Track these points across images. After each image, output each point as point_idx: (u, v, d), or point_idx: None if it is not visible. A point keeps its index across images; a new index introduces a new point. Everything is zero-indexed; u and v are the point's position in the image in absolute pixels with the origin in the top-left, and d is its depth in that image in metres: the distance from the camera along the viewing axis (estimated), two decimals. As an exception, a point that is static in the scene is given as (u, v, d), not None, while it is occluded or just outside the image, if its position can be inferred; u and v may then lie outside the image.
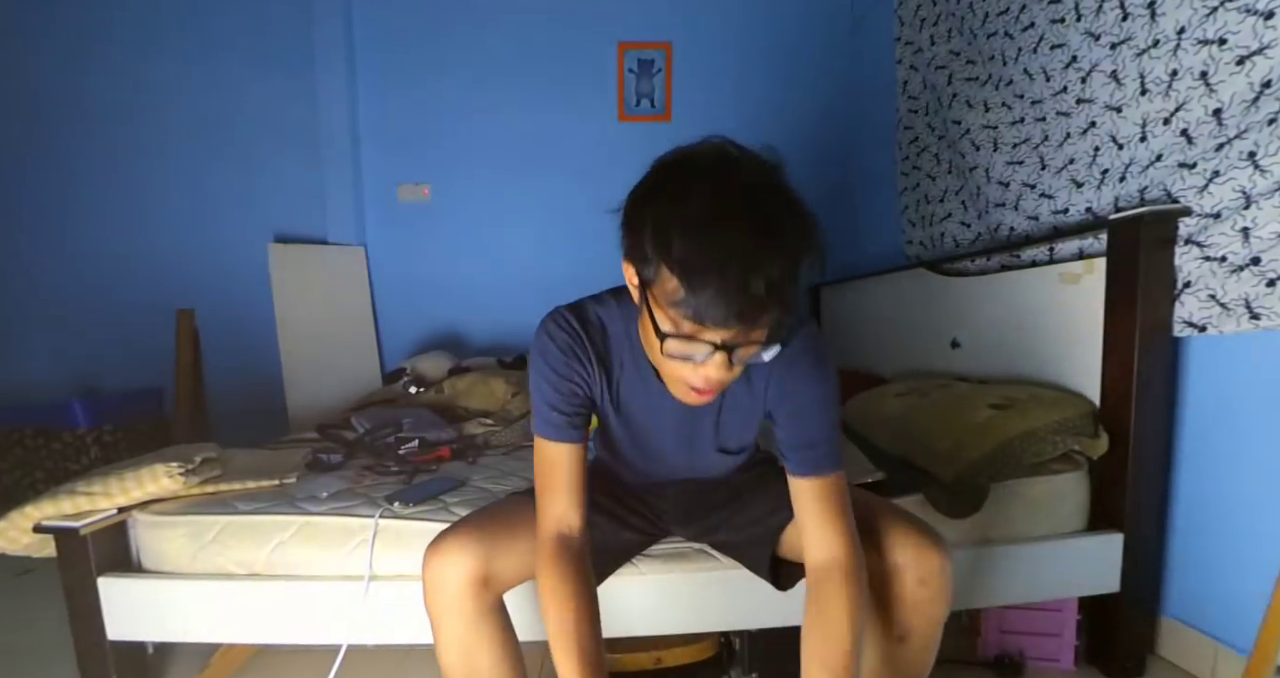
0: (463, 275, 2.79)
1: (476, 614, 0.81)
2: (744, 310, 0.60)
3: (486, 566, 0.81)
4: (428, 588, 0.82)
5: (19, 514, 1.12)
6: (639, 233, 0.64)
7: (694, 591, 1.12)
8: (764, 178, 0.65)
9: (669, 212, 0.62)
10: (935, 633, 0.85)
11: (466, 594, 0.80)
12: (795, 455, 0.81)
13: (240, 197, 2.64)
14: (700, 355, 0.65)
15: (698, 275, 0.59)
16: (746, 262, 0.59)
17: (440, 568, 0.81)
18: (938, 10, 1.98)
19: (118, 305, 2.59)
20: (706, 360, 0.66)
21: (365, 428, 1.71)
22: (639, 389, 0.84)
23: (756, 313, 0.61)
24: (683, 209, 0.61)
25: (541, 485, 0.81)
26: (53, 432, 2.18)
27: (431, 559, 0.82)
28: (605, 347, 0.83)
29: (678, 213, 0.61)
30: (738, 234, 0.60)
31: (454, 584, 0.80)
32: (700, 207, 0.60)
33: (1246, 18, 1.06)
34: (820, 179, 2.82)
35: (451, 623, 0.81)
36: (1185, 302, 1.19)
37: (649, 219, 0.63)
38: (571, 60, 2.71)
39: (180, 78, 2.56)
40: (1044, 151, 1.57)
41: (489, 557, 0.82)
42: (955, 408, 1.35)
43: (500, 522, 0.87)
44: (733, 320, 0.61)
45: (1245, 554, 1.16)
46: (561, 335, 0.80)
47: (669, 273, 0.61)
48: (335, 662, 1.07)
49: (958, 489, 1.19)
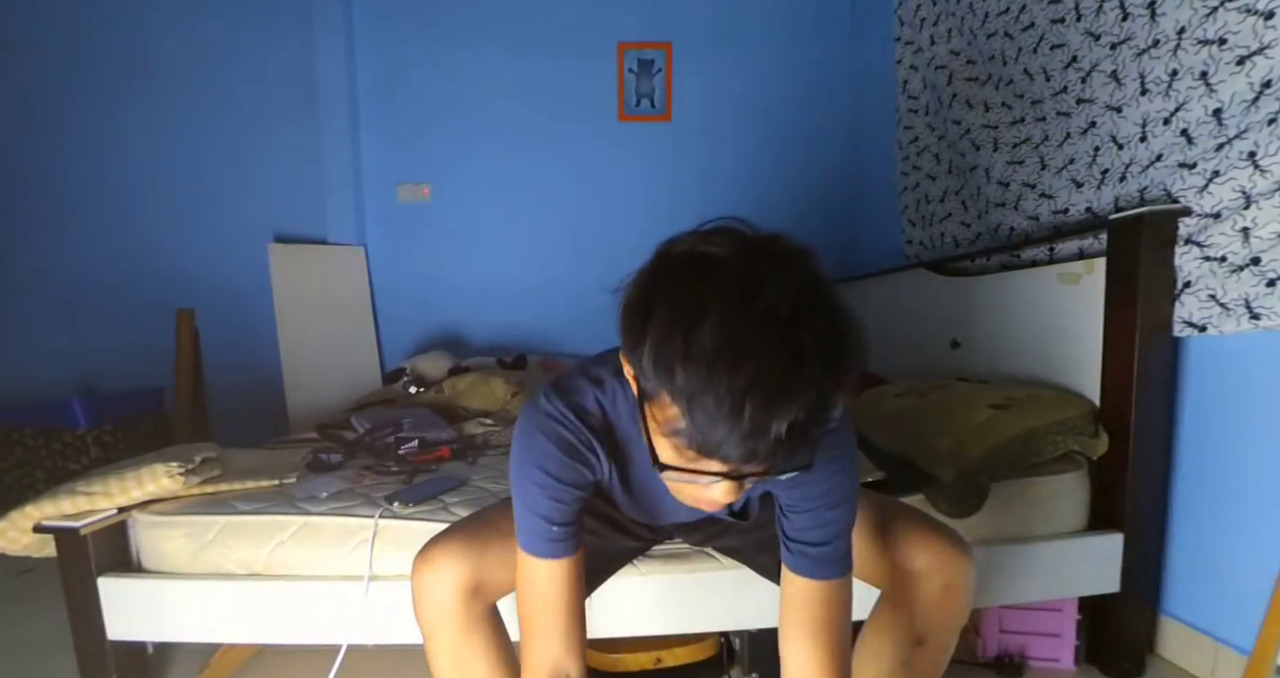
0: (463, 275, 2.79)
1: (468, 623, 0.79)
2: (759, 453, 0.49)
3: (478, 574, 0.78)
4: (417, 597, 0.79)
5: (19, 514, 1.12)
6: (638, 343, 0.52)
7: (694, 591, 1.12)
8: (790, 294, 0.51)
9: (672, 333, 0.50)
10: (954, 637, 0.84)
11: (457, 603, 0.78)
12: (793, 550, 0.71)
13: (240, 197, 2.64)
14: (704, 481, 0.55)
15: (705, 415, 0.48)
16: (765, 404, 0.48)
17: (430, 577, 0.78)
18: (938, 10, 1.98)
19: (118, 305, 2.59)
20: (712, 485, 0.56)
21: (365, 428, 1.70)
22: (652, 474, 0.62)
23: (774, 454, 0.50)
24: (690, 336, 0.49)
25: (529, 617, 0.71)
26: (53, 432, 2.17)
27: (420, 568, 0.79)
28: (614, 442, 0.72)
29: (683, 338, 0.49)
30: (754, 374, 0.48)
31: (444, 593, 0.78)
32: (712, 338, 0.48)
33: (1246, 18, 1.06)
34: (820, 179, 2.82)
35: (443, 633, 0.79)
36: (1185, 302, 1.19)
37: (650, 334, 0.51)
38: (571, 60, 2.71)
39: (180, 78, 2.56)
40: (1044, 151, 1.57)
41: (480, 565, 0.79)
42: (955, 408, 1.35)
43: (491, 527, 0.84)
44: (746, 464, 0.51)
45: (1245, 554, 1.16)
46: (563, 436, 0.68)
47: (669, 400, 0.50)
48: (335, 662, 1.07)
49: (958, 489, 1.19)
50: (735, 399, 0.47)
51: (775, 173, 2.73)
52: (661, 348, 0.50)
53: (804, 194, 2.81)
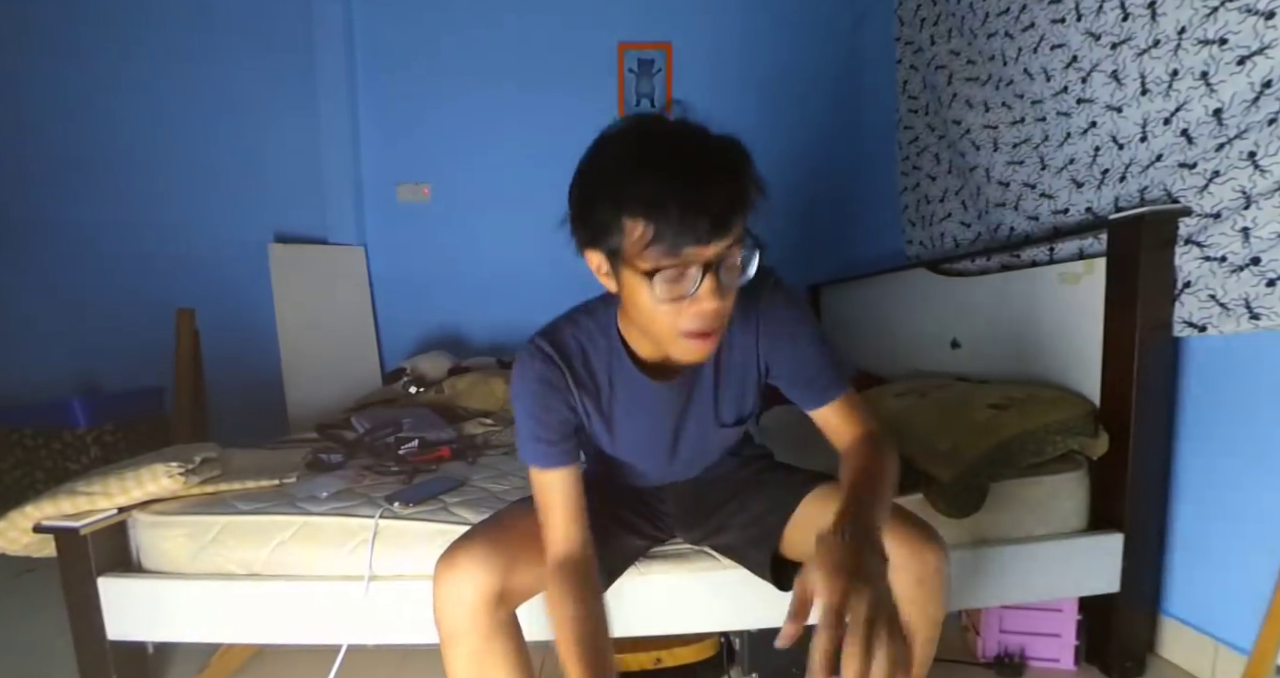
0: (463, 275, 2.79)
1: (491, 630, 0.78)
2: (713, 221, 0.62)
3: (503, 580, 0.78)
4: (441, 604, 0.78)
5: (19, 514, 1.12)
6: (590, 208, 0.67)
7: (694, 591, 1.12)
8: (679, 122, 0.67)
9: (609, 174, 0.66)
10: (934, 632, 0.84)
11: (481, 611, 0.77)
12: (804, 392, 0.85)
13: (240, 196, 2.64)
14: (690, 286, 0.65)
15: (658, 208, 0.61)
16: (697, 180, 0.62)
17: (454, 582, 0.78)
18: (938, 10, 1.98)
19: (118, 305, 2.59)
20: (699, 291, 0.66)
21: (365, 428, 1.70)
22: (632, 395, 0.85)
23: (725, 221, 0.63)
24: (621, 165, 0.65)
25: (543, 513, 0.81)
26: (53, 432, 2.17)
27: (444, 573, 0.78)
28: (588, 369, 0.83)
29: (617, 170, 0.65)
30: (678, 162, 0.62)
31: (470, 601, 0.77)
32: (634, 156, 0.64)
33: (1247, 18, 1.06)
34: (820, 179, 2.82)
35: (465, 640, 0.78)
36: (1185, 302, 1.19)
37: (595, 191, 0.67)
38: (571, 60, 2.71)
39: (180, 78, 2.56)
40: (1044, 151, 1.57)
41: (505, 571, 0.79)
42: (955, 408, 1.35)
43: (516, 534, 0.84)
44: (705, 233, 0.62)
45: (1245, 554, 1.16)
46: (540, 368, 0.80)
47: (632, 222, 0.63)
48: (335, 662, 1.07)
49: (957, 489, 1.19)
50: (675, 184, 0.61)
51: (775, 173, 2.71)
52: (606, 189, 0.65)
53: (804, 194, 2.81)
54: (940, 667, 1.31)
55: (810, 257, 2.81)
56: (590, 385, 0.83)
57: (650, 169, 0.63)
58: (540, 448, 0.81)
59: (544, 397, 0.81)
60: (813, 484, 0.93)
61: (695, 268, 0.64)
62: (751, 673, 1.24)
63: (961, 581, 1.21)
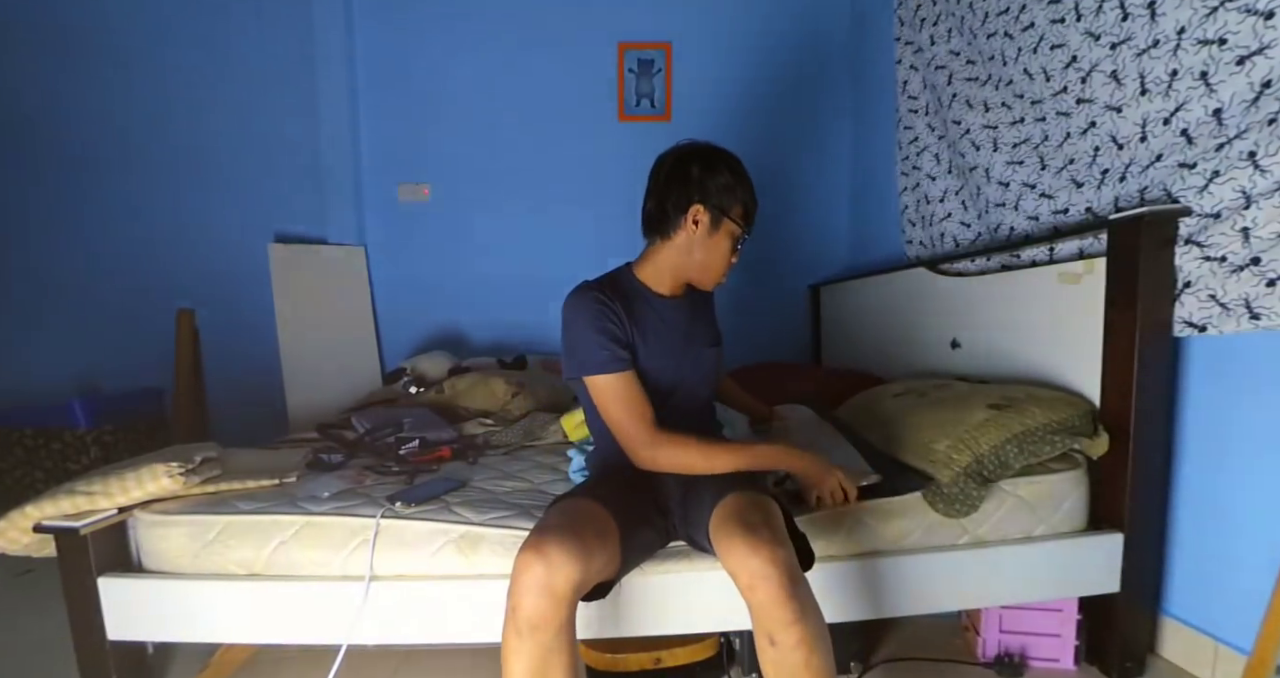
0: (463, 275, 2.79)
1: (566, 623, 0.83)
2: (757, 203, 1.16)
3: (586, 571, 0.83)
4: (528, 591, 0.80)
5: (19, 514, 1.12)
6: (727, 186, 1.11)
7: (694, 591, 1.12)
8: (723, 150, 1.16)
9: (734, 170, 1.13)
10: (798, 635, 0.82)
11: (565, 603, 0.81)
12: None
13: (240, 196, 2.64)
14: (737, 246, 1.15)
15: (752, 203, 1.15)
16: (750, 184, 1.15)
17: (545, 572, 0.80)
18: (938, 10, 1.98)
19: (118, 306, 2.59)
20: (738, 250, 1.16)
21: (365, 428, 1.70)
22: (652, 315, 1.14)
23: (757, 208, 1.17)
24: (738, 168, 1.14)
25: (623, 408, 1.05)
26: (53, 432, 2.18)
27: (535, 563, 0.81)
28: (624, 300, 1.12)
29: (738, 170, 1.14)
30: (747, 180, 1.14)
31: (561, 590, 0.80)
32: (741, 168, 1.14)
33: (1246, 18, 1.06)
34: (820, 179, 2.82)
35: (543, 632, 0.81)
36: (1185, 302, 1.19)
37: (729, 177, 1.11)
38: (571, 60, 2.71)
39: (180, 77, 2.56)
40: (1044, 151, 1.57)
41: (588, 562, 0.84)
42: (954, 408, 1.35)
43: (591, 528, 0.90)
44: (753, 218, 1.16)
45: (1245, 554, 1.16)
46: (593, 295, 1.08)
47: (740, 206, 1.13)
48: (335, 662, 1.07)
49: (956, 489, 1.19)
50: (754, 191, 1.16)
51: (775, 173, 2.73)
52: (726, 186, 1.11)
53: (804, 194, 2.82)
54: (940, 667, 1.31)
55: (810, 256, 2.81)
56: (626, 310, 1.10)
57: (746, 179, 1.14)
58: (608, 353, 1.05)
59: (601, 315, 1.07)
60: (729, 490, 0.99)
61: (746, 235, 1.15)
62: (751, 673, 1.24)
63: (962, 581, 1.21)
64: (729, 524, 0.90)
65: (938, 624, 1.45)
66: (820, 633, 0.85)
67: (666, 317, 1.16)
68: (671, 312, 1.16)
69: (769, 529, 0.88)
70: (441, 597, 1.11)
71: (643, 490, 1.09)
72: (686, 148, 1.13)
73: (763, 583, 0.82)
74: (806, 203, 2.80)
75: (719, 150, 1.13)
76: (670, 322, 1.16)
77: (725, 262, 1.14)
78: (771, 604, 0.82)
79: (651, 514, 1.07)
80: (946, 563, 1.20)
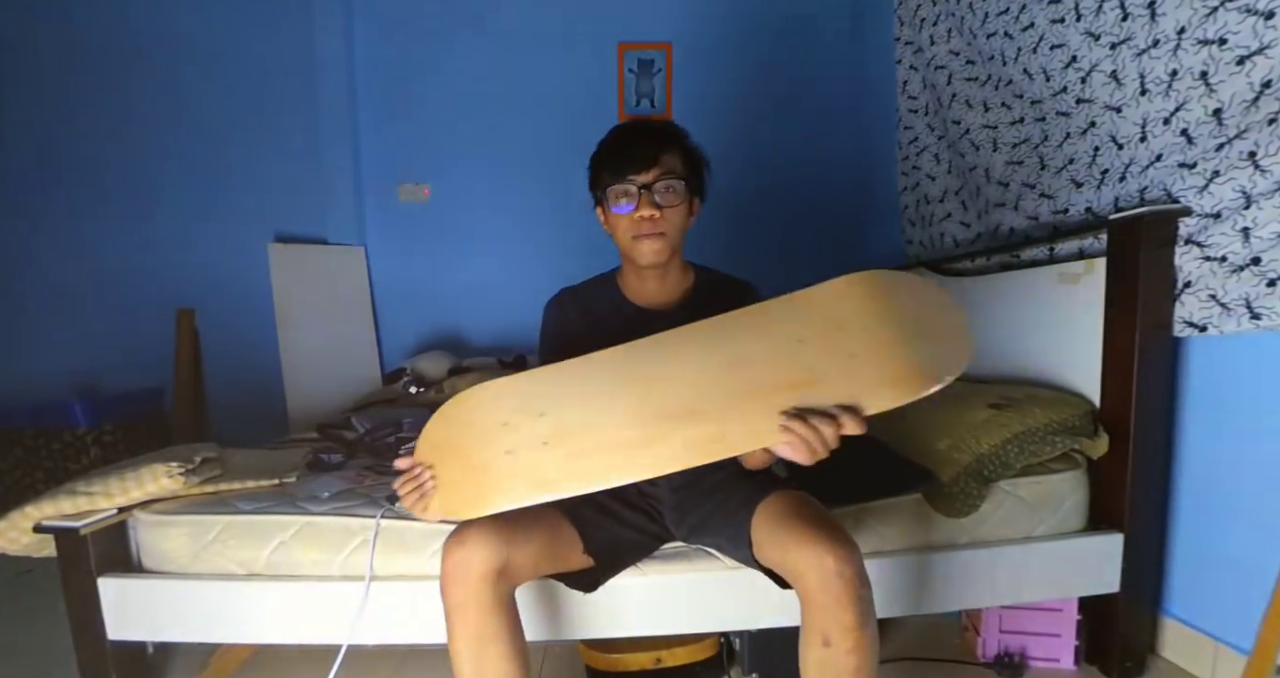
0: (463, 275, 2.79)
1: (494, 604, 0.84)
2: (640, 159, 0.98)
3: (506, 555, 0.85)
4: (449, 576, 0.84)
5: (19, 514, 1.12)
6: (590, 173, 1.06)
7: (694, 591, 1.12)
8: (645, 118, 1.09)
9: (599, 145, 1.05)
10: (856, 640, 0.81)
11: (485, 583, 0.83)
12: None
13: (240, 196, 2.64)
14: (631, 201, 0.99)
15: (607, 156, 1.02)
16: (630, 139, 1.01)
17: (461, 555, 0.83)
18: (938, 10, 1.98)
19: (118, 305, 2.59)
20: (639, 203, 0.98)
21: (365, 428, 1.70)
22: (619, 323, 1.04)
23: (650, 159, 0.98)
24: (604, 139, 1.05)
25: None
26: (53, 432, 2.17)
27: (452, 548, 0.85)
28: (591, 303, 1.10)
29: (602, 141, 1.05)
30: (623, 133, 1.04)
31: (476, 572, 0.83)
32: (611, 131, 1.05)
33: (1246, 18, 1.06)
34: (820, 179, 2.81)
35: (468, 613, 0.84)
36: (1185, 302, 1.19)
37: (592, 161, 1.05)
38: (571, 60, 2.71)
39: (181, 78, 2.57)
40: (1044, 151, 1.57)
41: (509, 546, 0.85)
42: (954, 408, 1.35)
43: (520, 518, 0.89)
44: (635, 166, 0.98)
45: (1245, 554, 1.16)
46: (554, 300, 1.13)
47: (602, 169, 1.02)
48: (335, 662, 1.07)
49: (956, 489, 1.19)
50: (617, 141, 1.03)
51: (775, 173, 2.73)
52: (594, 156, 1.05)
53: (804, 194, 2.81)
54: (940, 667, 1.31)
55: (810, 257, 2.81)
56: (585, 317, 1.09)
57: (611, 137, 1.04)
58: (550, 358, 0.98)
59: (554, 320, 1.10)
60: (769, 490, 0.97)
61: (633, 187, 0.98)
62: (751, 673, 1.24)
63: (962, 581, 1.21)
64: (791, 522, 0.87)
65: (938, 624, 1.45)
66: (875, 644, 0.84)
67: (638, 328, 0.93)
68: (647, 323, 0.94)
69: (840, 528, 0.86)
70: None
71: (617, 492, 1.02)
72: None
73: (836, 582, 0.80)
74: (806, 202, 2.80)
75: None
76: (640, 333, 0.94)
77: (619, 228, 1.02)
78: (837, 606, 0.80)
79: (627, 514, 1.06)
80: (946, 563, 1.20)
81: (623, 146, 1.00)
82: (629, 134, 1.02)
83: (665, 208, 0.98)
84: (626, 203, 0.99)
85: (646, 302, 1.09)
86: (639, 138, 1.00)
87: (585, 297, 1.11)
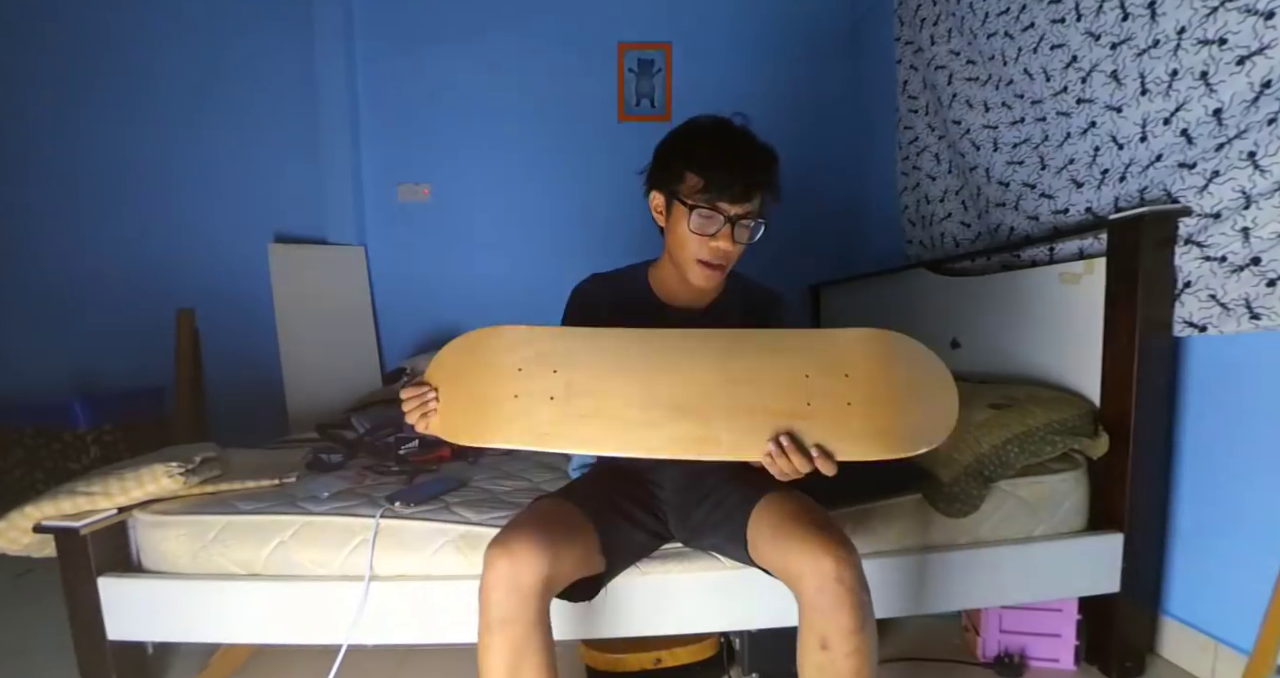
0: (463, 275, 2.79)
1: (537, 618, 0.82)
2: (741, 189, 0.92)
3: (554, 567, 0.83)
4: (495, 587, 0.81)
5: (19, 514, 1.12)
6: (666, 161, 0.98)
7: (694, 591, 1.12)
8: (744, 127, 0.98)
9: (684, 140, 0.97)
10: (854, 643, 0.81)
11: (534, 595, 0.81)
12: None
13: (240, 196, 2.64)
14: (714, 227, 0.94)
15: (711, 169, 0.93)
16: (738, 160, 0.93)
17: (510, 568, 0.80)
18: (938, 10, 1.98)
19: (118, 305, 2.59)
20: (718, 232, 0.95)
21: (365, 428, 1.71)
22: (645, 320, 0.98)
23: (748, 192, 0.93)
24: (694, 135, 0.97)
25: None
26: (53, 432, 2.17)
27: (500, 559, 0.81)
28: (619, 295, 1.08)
29: (690, 138, 0.97)
30: (731, 145, 0.95)
31: (526, 586, 0.80)
32: (704, 132, 0.97)
33: (1246, 18, 1.06)
34: (820, 179, 2.81)
35: (512, 628, 0.80)
36: (1185, 302, 1.19)
37: (671, 150, 0.98)
38: (571, 60, 2.71)
39: (181, 78, 2.57)
40: (1044, 151, 1.57)
41: (555, 559, 0.83)
42: (955, 408, 1.35)
43: (560, 525, 0.89)
44: (734, 195, 0.92)
45: (1245, 554, 1.16)
46: (582, 285, 1.11)
47: (693, 174, 0.94)
48: (335, 662, 1.07)
49: (956, 489, 1.19)
50: (730, 155, 0.93)
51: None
52: (684, 147, 0.96)
53: (804, 194, 2.81)
54: (940, 667, 1.31)
55: (810, 257, 2.81)
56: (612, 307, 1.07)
57: (712, 142, 0.95)
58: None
59: (578, 306, 1.09)
60: (766, 490, 0.96)
61: (721, 217, 0.94)
62: (751, 673, 1.24)
63: (962, 581, 1.21)
64: (789, 524, 0.87)
65: (938, 624, 1.45)
66: (874, 646, 0.83)
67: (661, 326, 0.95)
68: (671, 323, 0.96)
69: (838, 531, 0.85)
70: (441, 597, 1.11)
71: (630, 492, 1.07)
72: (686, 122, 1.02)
73: (834, 585, 0.80)
74: (806, 203, 2.80)
75: (695, 119, 1.00)
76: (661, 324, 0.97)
77: (687, 243, 0.96)
78: (836, 609, 0.80)
79: (639, 516, 1.05)
80: (946, 563, 1.20)
81: (728, 164, 0.92)
82: (736, 151, 0.94)
83: (738, 244, 0.97)
84: (709, 225, 0.94)
85: (675, 301, 1.08)
86: (745, 164, 0.93)
87: (615, 285, 1.10)
